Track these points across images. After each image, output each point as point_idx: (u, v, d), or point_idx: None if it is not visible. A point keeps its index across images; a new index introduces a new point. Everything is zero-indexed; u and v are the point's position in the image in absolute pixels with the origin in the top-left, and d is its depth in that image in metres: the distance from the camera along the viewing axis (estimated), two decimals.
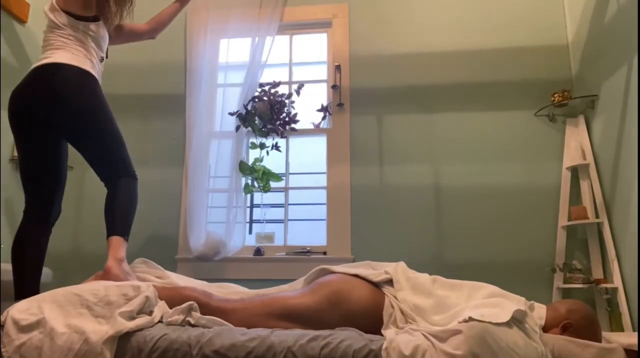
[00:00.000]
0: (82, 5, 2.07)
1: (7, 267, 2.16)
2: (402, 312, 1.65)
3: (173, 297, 1.67)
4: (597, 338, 1.57)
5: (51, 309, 1.50)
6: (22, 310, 1.50)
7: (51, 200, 2.00)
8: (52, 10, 2.03)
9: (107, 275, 1.76)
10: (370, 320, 1.65)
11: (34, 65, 1.96)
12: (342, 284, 1.73)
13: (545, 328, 1.60)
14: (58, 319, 1.47)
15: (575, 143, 2.65)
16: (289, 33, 3.20)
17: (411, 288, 1.71)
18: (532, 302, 1.66)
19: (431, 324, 1.57)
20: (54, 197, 2.01)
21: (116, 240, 1.87)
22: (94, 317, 1.49)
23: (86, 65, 2.00)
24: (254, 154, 2.92)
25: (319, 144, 3.05)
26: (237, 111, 2.87)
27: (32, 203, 1.99)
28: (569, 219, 2.58)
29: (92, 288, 1.57)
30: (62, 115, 1.93)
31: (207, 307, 1.67)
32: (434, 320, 1.58)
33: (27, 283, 1.89)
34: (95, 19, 2.10)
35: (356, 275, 1.79)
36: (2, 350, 1.42)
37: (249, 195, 2.96)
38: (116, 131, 2.01)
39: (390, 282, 1.76)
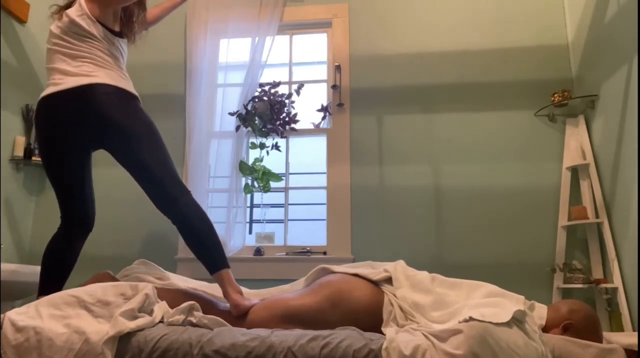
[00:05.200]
0: (113, 20, 2.00)
1: (7, 267, 2.17)
2: (401, 309, 1.66)
3: (178, 303, 1.66)
4: (598, 338, 1.57)
5: (49, 311, 1.50)
6: (20, 312, 1.50)
7: (84, 211, 1.97)
8: (82, 17, 1.89)
9: (236, 310, 1.73)
10: (371, 318, 1.65)
11: (80, 83, 1.82)
12: (343, 284, 1.73)
13: (546, 329, 1.61)
14: (56, 320, 1.47)
15: (575, 143, 2.65)
16: (289, 33, 3.20)
17: (410, 285, 1.72)
18: (532, 301, 1.67)
19: (430, 321, 1.57)
20: (87, 207, 1.98)
21: (226, 273, 1.82)
22: (93, 318, 1.49)
23: (130, 87, 1.95)
24: (254, 154, 2.92)
25: (319, 144, 3.05)
26: (237, 111, 2.87)
27: (67, 212, 1.96)
28: (569, 219, 2.58)
29: (88, 289, 1.57)
30: (112, 138, 1.87)
31: (211, 313, 1.68)
32: (433, 316, 1.59)
33: (53, 287, 1.86)
34: (121, 35, 2.05)
35: (356, 275, 1.80)
36: (1, 351, 1.42)
37: (249, 195, 2.96)
38: (165, 155, 1.92)
39: (389, 280, 1.77)
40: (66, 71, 1.86)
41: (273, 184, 2.86)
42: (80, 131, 1.87)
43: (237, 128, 2.86)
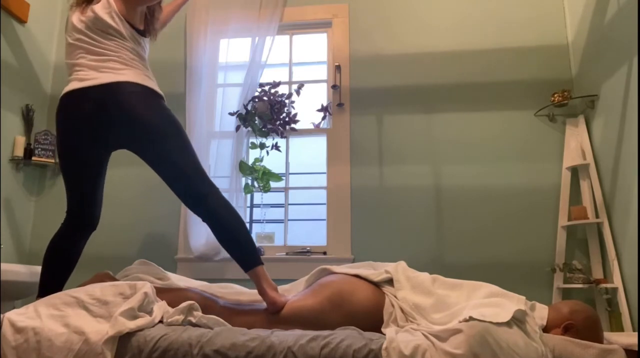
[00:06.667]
0: (139, 19, 1.96)
1: (7, 267, 2.17)
2: (402, 310, 1.66)
3: (178, 301, 1.66)
4: (599, 339, 1.56)
5: (48, 311, 1.50)
6: (19, 312, 1.50)
7: (92, 209, 1.94)
8: (110, 15, 1.85)
9: (273, 308, 1.72)
10: (372, 320, 1.65)
11: (107, 81, 1.79)
12: (344, 285, 1.73)
13: (547, 329, 1.60)
14: (56, 320, 1.47)
15: (575, 143, 2.65)
16: (289, 33, 3.20)
17: (411, 287, 1.72)
18: (533, 302, 1.67)
19: (431, 323, 1.57)
20: (95, 206, 1.96)
21: (261, 270, 1.80)
22: (92, 317, 1.49)
23: (156, 86, 1.93)
24: (254, 154, 2.92)
25: (319, 144, 3.05)
26: (237, 111, 2.86)
27: (75, 208, 1.92)
28: (569, 219, 2.58)
29: (87, 289, 1.58)
30: (141, 137, 1.84)
31: (211, 311, 1.68)
32: (433, 318, 1.59)
33: (54, 284, 1.84)
34: (145, 34, 2.02)
35: (357, 275, 1.80)
36: (1, 352, 1.42)
37: (249, 195, 2.96)
38: (192, 153, 1.90)
39: (390, 281, 1.77)
40: (92, 67, 1.82)
41: (273, 184, 2.86)
42: (104, 129, 1.83)
43: (237, 128, 2.85)
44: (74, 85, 1.82)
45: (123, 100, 1.79)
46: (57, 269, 1.89)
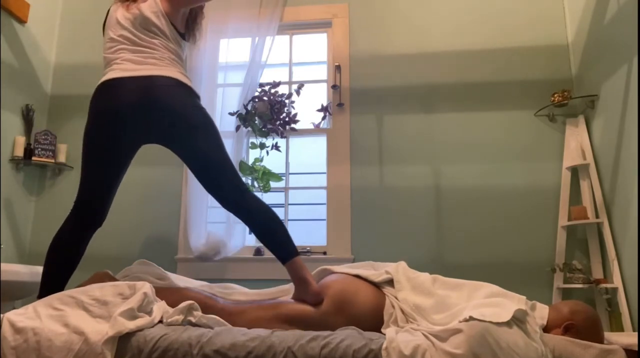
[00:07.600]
0: (180, 21, 1.99)
1: (7, 267, 2.16)
2: (402, 311, 1.66)
3: (177, 300, 1.66)
4: (600, 339, 1.56)
5: (47, 311, 1.50)
6: (19, 313, 1.50)
7: (104, 204, 1.91)
8: (157, 15, 1.89)
9: (317, 299, 1.72)
10: (372, 321, 1.65)
11: (148, 73, 1.82)
12: (345, 285, 1.74)
13: (547, 329, 1.60)
14: (55, 320, 1.47)
15: (575, 143, 2.65)
16: (289, 33, 3.20)
17: (412, 288, 1.72)
18: (534, 302, 1.67)
19: (432, 323, 1.57)
20: (108, 202, 1.93)
21: (300, 260, 1.81)
22: (92, 318, 1.49)
23: (192, 86, 1.95)
24: (254, 154, 2.91)
25: (319, 144, 3.05)
26: (237, 111, 2.86)
27: (86, 201, 1.88)
28: (569, 219, 2.58)
29: (86, 290, 1.58)
30: (176, 130, 1.85)
31: (212, 310, 1.68)
32: (434, 319, 1.59)
33: (56, 283, 1.81)
34: (184, 37, 2.03)
35: (357, 276, 1.80)
36: (0, 352, 1.42)
37: None
38: (226, 151, 1.94)
39: (391, 282, 1.77)
40: (133, 60, 1.85)
41: (273, 184, 2.86)
42: (139, 120, 1.82)
43: (237, 128, 2.85)
44: (113, 74, 1.83)
45: (161, 93, 1.81)
46: (61, 267, 1.85)
